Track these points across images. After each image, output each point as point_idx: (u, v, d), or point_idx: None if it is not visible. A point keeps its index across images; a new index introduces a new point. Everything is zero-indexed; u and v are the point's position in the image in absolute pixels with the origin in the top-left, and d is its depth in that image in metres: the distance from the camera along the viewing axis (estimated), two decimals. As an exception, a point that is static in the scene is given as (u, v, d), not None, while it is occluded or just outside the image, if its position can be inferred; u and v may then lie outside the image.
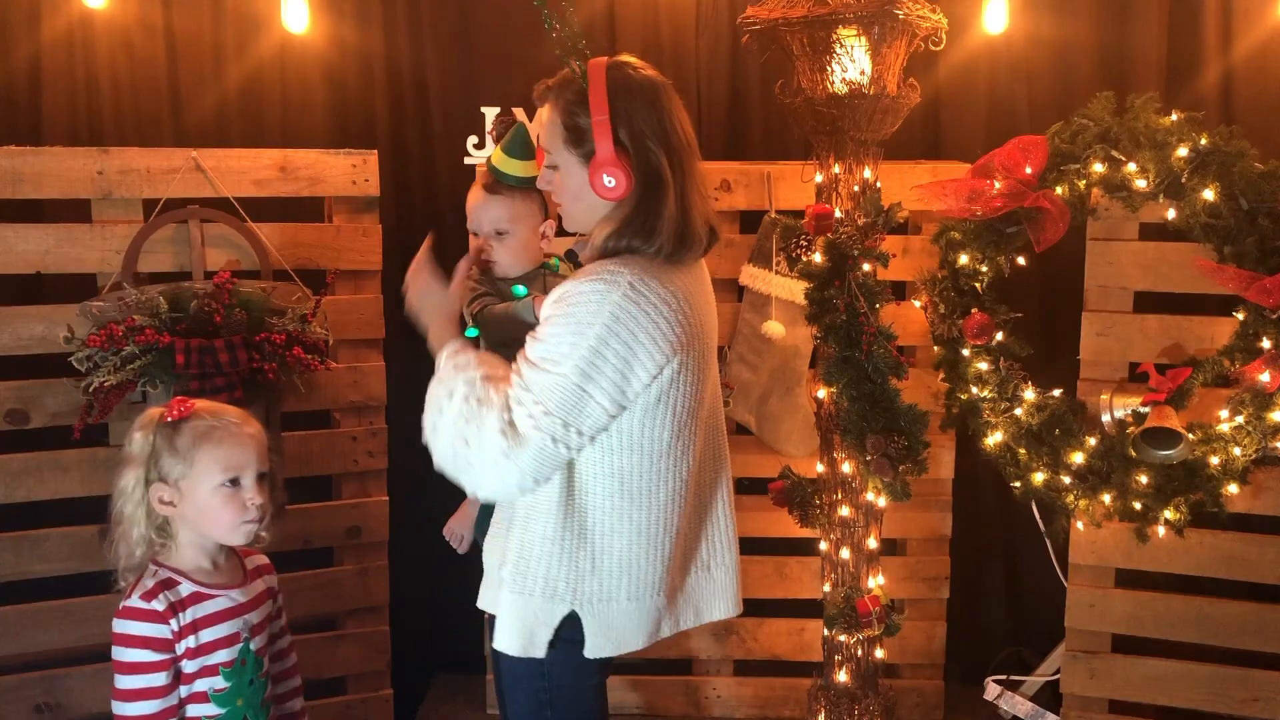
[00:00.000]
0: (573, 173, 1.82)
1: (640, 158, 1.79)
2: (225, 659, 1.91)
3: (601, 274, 1.73)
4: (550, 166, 1.85)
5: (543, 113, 1.86)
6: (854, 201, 2.58)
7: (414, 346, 3.32)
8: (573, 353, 1.70)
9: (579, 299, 1.72)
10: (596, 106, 1.77)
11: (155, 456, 1.89)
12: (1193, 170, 2.55)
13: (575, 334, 1.70)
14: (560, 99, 1.82)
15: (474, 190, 2.08)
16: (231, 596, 1.94)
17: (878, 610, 2.64)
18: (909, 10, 2.41)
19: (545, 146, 1.85)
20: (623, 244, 1.79)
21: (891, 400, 2.52)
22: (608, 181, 1.77)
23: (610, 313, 1.70)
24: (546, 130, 1.84)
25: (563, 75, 1.86)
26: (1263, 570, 2.77)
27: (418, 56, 3.28)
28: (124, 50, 3.13)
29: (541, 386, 1.71)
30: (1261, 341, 2.52)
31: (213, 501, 1.89)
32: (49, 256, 2.69)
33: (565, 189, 1.84)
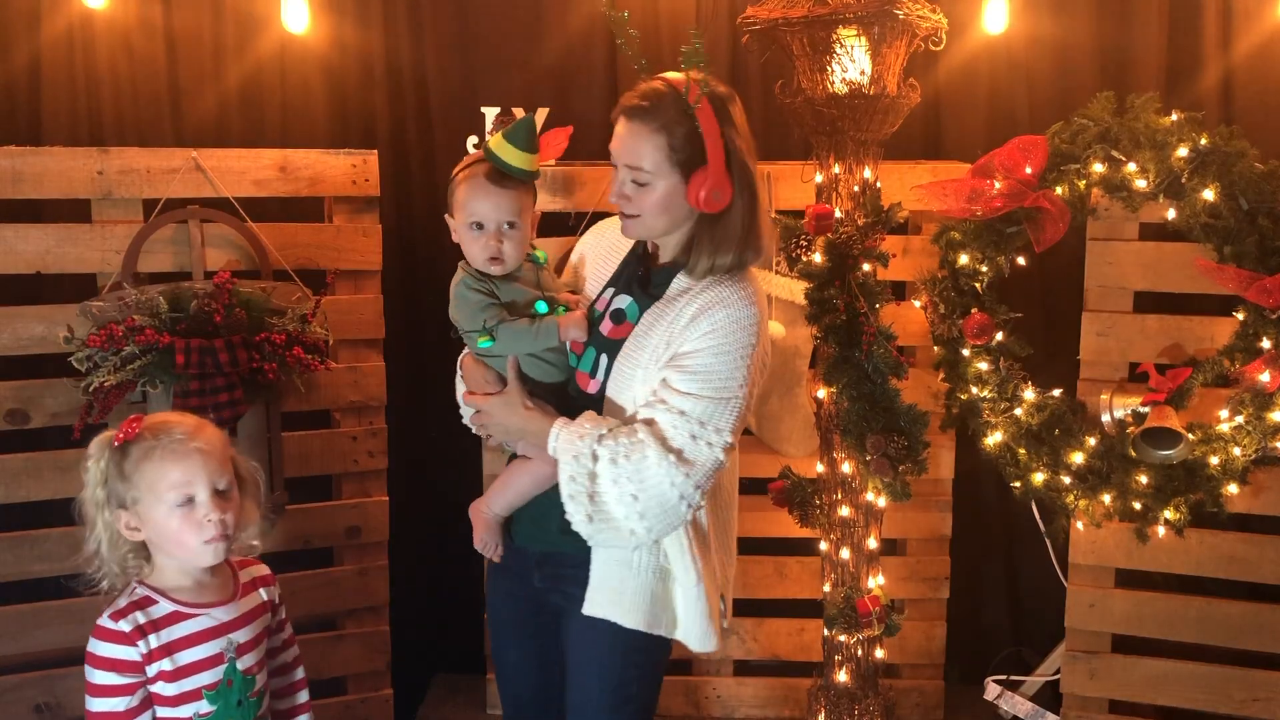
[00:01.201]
0: (671, 187, 1.86)
1: (740, 171, 1.87)
2: (209, 681, 1.82)
3: (746, 299, 1.87)
4: (638, 182, 1.86)
5: (634, 128, 1.86)
6: (854, 201, 2.58)
7: (415, 346, 3.34)
8: (742, 375, 1.85)
9: (736, 327, 1.85)
10: (708, 123, 1.83)
11: (110, 483, 1.80)
12: (1193, 170, 2.55)
13: (741, 360, 1.85)
14: (660, 115, 1.84)
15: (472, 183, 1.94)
16: (214, 615, 1.84)
17: (878, 610, 2.64)
18: (909, 10, 2.41)
19: (633, 162, 1.86)
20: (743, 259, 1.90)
21: (891, 400, 2.52)
22: (716, 196, 1.84)
23: (756, 333, 1.87)
24: (642, 146, 1.85)
25: (652, 90, 1.86)
26: (1263, 570, 2.77)
27: (418, 56, 3.28)
28: (124, 50, 3.13)
29: (720, 416, 1.84)
30: (1261, 341, 2.52)
31: (169, 524, 1.78)
32: (49, 256, 2.69)
33: (654, 202, 1.87)
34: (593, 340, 1.98)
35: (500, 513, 2.08)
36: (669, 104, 1.84)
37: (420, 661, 3.42)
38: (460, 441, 3.32)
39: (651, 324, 1.91)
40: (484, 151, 1.96)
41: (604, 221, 2.19)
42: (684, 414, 1.82)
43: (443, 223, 3.31)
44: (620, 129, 1.89)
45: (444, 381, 3.37)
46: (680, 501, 1.82)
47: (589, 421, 1.87)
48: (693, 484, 1.82)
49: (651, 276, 1.98)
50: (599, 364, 1.96)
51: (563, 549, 1.98)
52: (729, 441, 1.85)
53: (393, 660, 3.11)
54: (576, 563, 1.96)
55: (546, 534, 2.02)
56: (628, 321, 1.95)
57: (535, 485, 2.02)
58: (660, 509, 1.83)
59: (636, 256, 2.04)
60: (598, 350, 1.97)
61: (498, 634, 2.21)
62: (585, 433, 1.84)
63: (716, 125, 1.84)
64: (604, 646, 1.97)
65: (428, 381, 3.37)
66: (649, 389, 1.88)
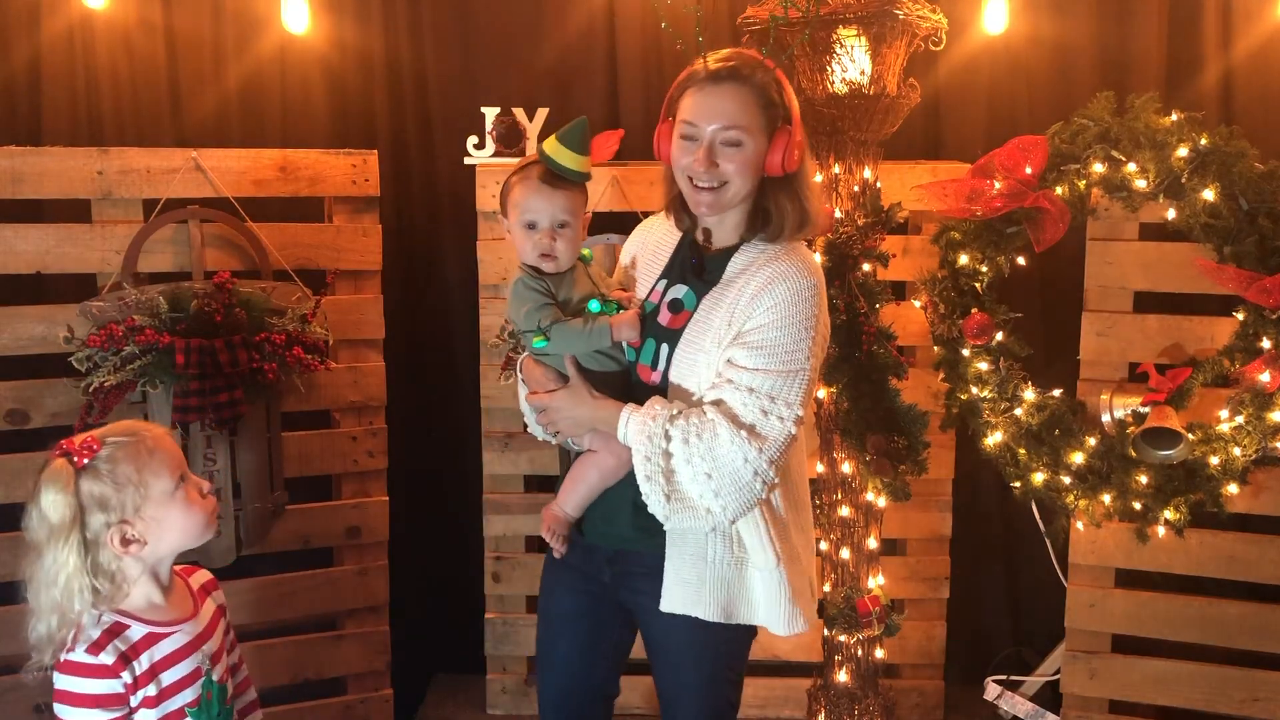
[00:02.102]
0: (758, 147, 1.89)
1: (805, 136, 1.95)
2: (191, 698, 1.77)
3: (805, 270, 1.89)
4: (731, 143, 1.88)
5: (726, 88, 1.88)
6: (854, 201, 2.58)
7: (414, 346, 3.34)
8: (808, 346, 1.86)
9: (799, 299, 1.86)
10: (788, 86, 1.92)
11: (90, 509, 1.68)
12: (1193, 170, 2.55)
13: (804, 330, 1.86)
14: (754, 79, 1.88)
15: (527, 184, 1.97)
16: (186, 630, 1.79)
17: (878, 610, 2.65)
18: (909, 10, 2.41)
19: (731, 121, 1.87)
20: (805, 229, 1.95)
21: (891, 400, 2.52)
22: (796, 156, 1.90)
23: (817, 303, 1.89)
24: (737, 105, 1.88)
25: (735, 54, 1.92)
26: (1263, 570, 2.77)
27: (418, 56, 3.28)
28: (124, 50, 3.13)
29: (789, 389, 1.84)
30: (1261, 341, 2.52)
31: (174, 508, 1.75)
32: (49, 256, 2.69)
33: (744, 162, 1.89)
34: (650, 332, 1.98)
35: (573, 512, 2.06)
36: (755, 66, 1.90)
37: (420, 661, 3.42)
38: (460, 441, 3.35)
39: (712, 308, 1.92)
40: (538, 153, 1.99)
41: (646, 221, 2.19)
42: (753, 390, 1.83)
43: (443, 223, 3.35)
44: (703, 95, 1.90)
45: (444, 381, 3.41)
46: (755, 478, 1.82)
47: (658, 404, 1.87)
48: (766, 459, 1.82)
49: (706, 263, 1.98)
50: (659, 354, 1.96)
51: (636, 547, 1.98)
52: (799, 414, 1.85)
53: (393, 660, 3.11)
54: (650, 560, 1.96)
55: (619, 531, 2.01)
56: (686, 310, 1.95)
57: (602, 479, 2.01)
58: (735, 486, 1.82)
59: (687, 246, 2.04)
60: (657, 341, 1.97)
61: (550, 626, 2.16)
62: (656, 414, 1.85)
63: (791, 91, 1.91)
64: (689, 642, 1.98)
65: (428, 381, 3.37)
66: (714, 372, 1.89)
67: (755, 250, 1.94)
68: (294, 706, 2.98)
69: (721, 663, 2.03)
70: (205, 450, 2.69)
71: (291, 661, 2.98)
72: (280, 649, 2.97)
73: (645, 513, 1.89)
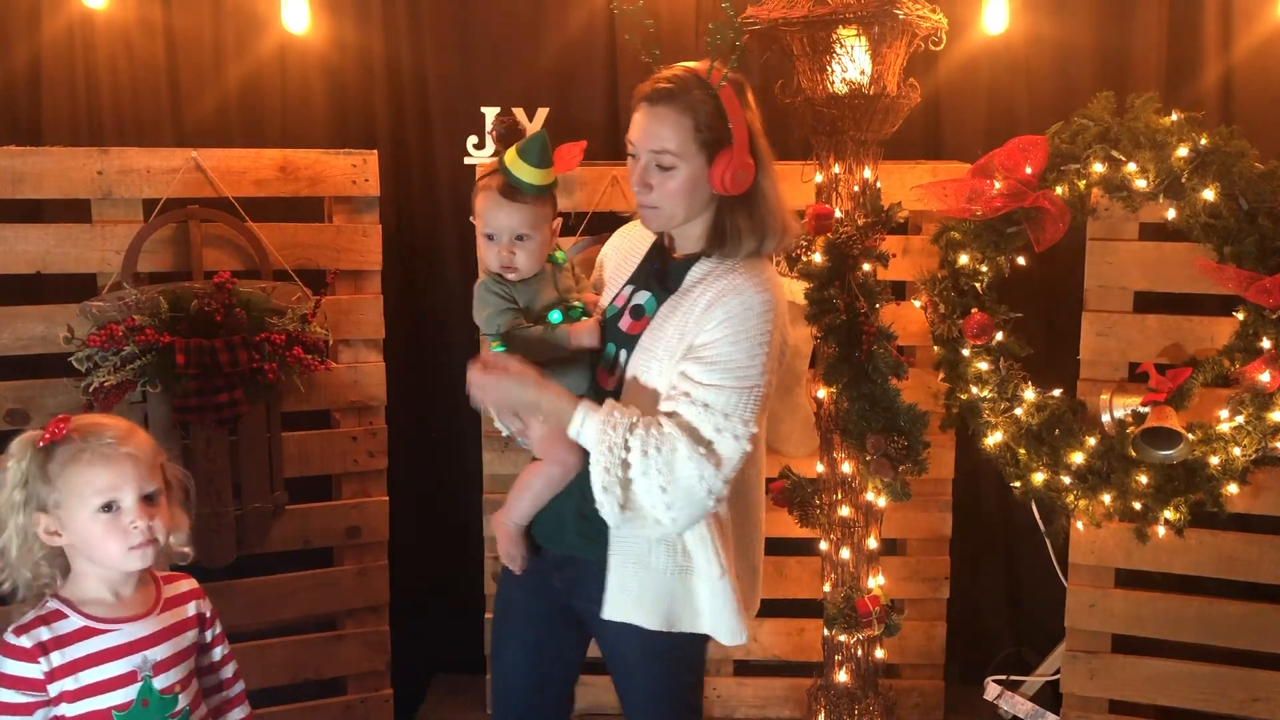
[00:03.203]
0: (696, 170, 1.86)
1: (761, 153, 1.90)
2: (120, 701, 1.73)
3: (760, 285, 1.86)
4: (663, 166, 1.86)
5: (658, 111, 1.86)
6: (854, 201, 2.58)
7: (415, 346, 3.34)
8: (760, 362, 1.84)
9: (750, 314, 1.84)
10: (731, 103, 1.86)
11: (31, 485, 1.71)
12: (1193, 170, 2.55)
13: (758, 346, 1.84)
14: (685, 96, 1.85)
15: (487, 195, 1.99)
16: (127, 631, 1.75)
17: (878, 610, 2.64)
18: (909, 10, 2.41)
19: (659, 145, 1.86)
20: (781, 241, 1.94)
21: (891, 400, 2.52)
22: (740, 176, 1.86)
23: (773, 320, 1.86)
24: (668, 128, 1.85)
25: (674, 75, 1.88)
26: (1263, 570, 2.77)
27: (418, 56, 3.28)
28: (124, 50, 3.13)
29: (739, 405, 1.82)
30: (1261, 341, 2.52)
31: (93, 529, 1.70)
32: (49, 256, 2.69)
33: (677, 187, 1.87)
34: (611, 336, 1.99)
35: (519, 521, 2.07)
36: (692, 86, 1.86)
37: (420, 661, 3.42)
38: (460, 441, 3.35)
39: (667, 315, 1.91)
40: (498, 164, 1.99)
41: (627, 224, 2.19)
42: (708, 406, 1.81)
43: (443, 223, 3.35)
44: (641, 115, 1.89)
45: (444, 381, 3.40)
46: (709, 495, 1.82)
47: (616, 410, 1.85)
48: (721, 478, 1.82)
49: (669, 270, 1.98)
50: (618, 359, 1.97)
51: (582, 554, 1.98)
52: (754, 431, 1.84)
53: (393, 660, 3.11)
54: (596, 567, 1.96)
55: (564, 537, 2.02)
56: (646, 316, 1.95)
57: (549, 487, 2.01)
58: (688, 501, 1.82)
59: (655, 251, 2.04)
60: (617, 346, 1.97)
61: (500, 630, 2.18)
62: (616, 422, 1.82)
63: (739, 105, 1.87)
64: (638, 649, 1.98)
65: (428, 382, 3.37)
66: (666, 381, 1.88)
67: (714, 262, 1.93)
68: (294, 706, 2.98)
69: (673, 669, 2.02)
70: (205, 450, 2.69)
71: (291, 661, 2.98)
72: (280, 649, 2.97)
73: (590, 521, 1.90)
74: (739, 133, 1.85)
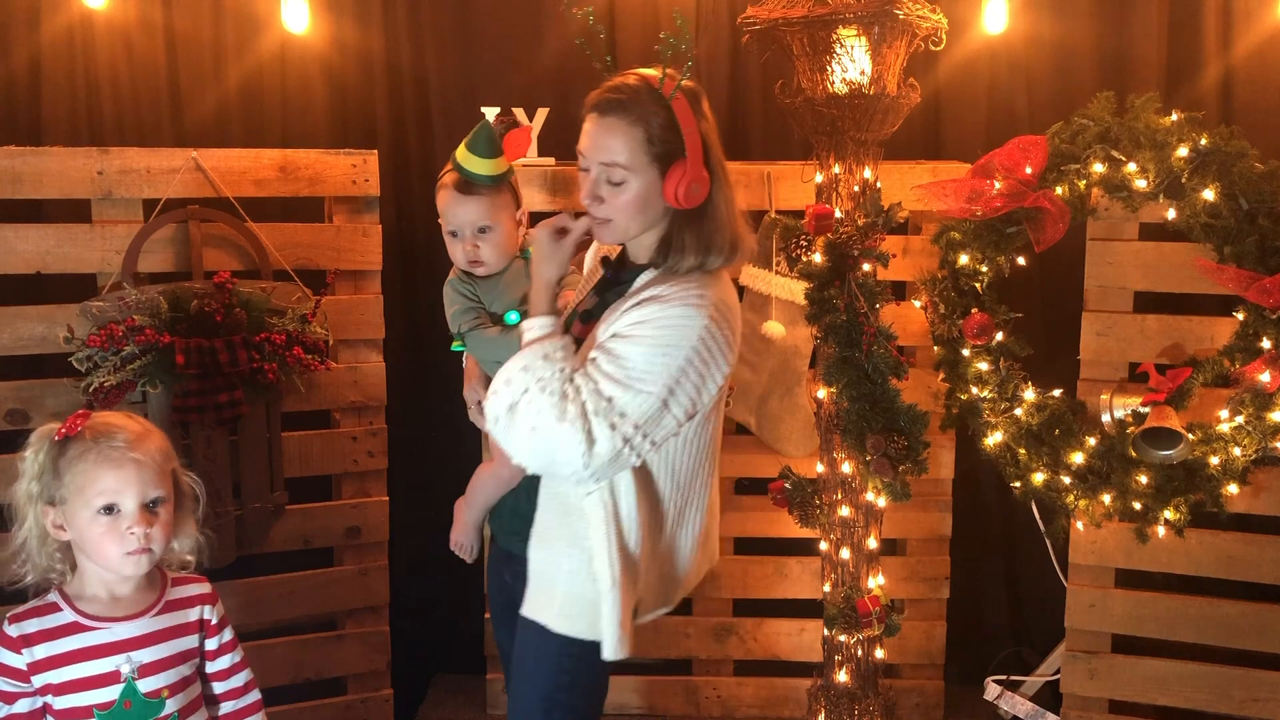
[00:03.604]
0: (648, 183, 1.80)
1: (717, 165, 1.83)
2: (102, 700, 1.74)
3: (689, 298, 1.78)
4: (613, 181, 1.80)
5: (608, 122, 1.80)
6: (854, 201, 2.58)
7: (415, 346, 3.34)
8: (662, 374, 1.75)
9: (668, 322, 1.77)
10: (684, 114, 1.78)
11: (44, 477, 1.74)
12: (1193, 170, 2.55)
13: (664, 355, 1.75)
14: (635, 107, 1.78)
15: (445, 193, 2.04)
16: (115, 631, 1.76)
17: (878, 610, 2.64)
18: (909, 10, 2.41)
19: (609, 158, 1.79)
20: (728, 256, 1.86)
21: (891, 400, 2.52)
22: (694, 190, 1.78)
23: (698, 336, 1.77)
24: (618, 140, 1.78)
25: (623, 83, 1.81)
26: (1263, 570, 2.77)
27: (418, 56, 3.28)
28: (124, 50, 3.13)
29: (627, 403, 1.75)
30: (1261, 341, 2.52)
31: (92, 530, 1.72)
32: (49, 256, 2.69)
33: (629, 201, 1.81)
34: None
35: (474, 515, 2.15)
36: (643, 96, 1.79)
37: (420, 661, 3.42)
38: (461, 441, 3.34)
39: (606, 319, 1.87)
40: (451, 162, 2.01)
41: None
42: (597, 388, 1.75)
43: (442, 223, 3.34)
44: (591, 125, 1.82)
45: (444, 381, 3.40)
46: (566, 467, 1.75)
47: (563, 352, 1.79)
48: (584, 461, 1.74)
49: (621, 278, 1.95)
50: None
51: (518, 551, 1.99)
52: (629, 435, 1.75)
53: (393, 660, 3.11)
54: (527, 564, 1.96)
55: (508, 534, 2.08)
56: (594, 321, 1.93)
57: (499, 486, 2.09)
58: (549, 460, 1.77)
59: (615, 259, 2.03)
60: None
61: (494, 622, 2.28)
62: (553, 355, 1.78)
63: (693, 116, 1.79)
64: (538, 650, 1.94)
65: (428, 381, 3.37)
66: None
67: (656, 273, 1.87)
68: (294, 706, 2.98)
69: (564, 680, 1.94)
70: (205, 450, 2.69)
71: (291, 661, 2.98)
72: (280, 649, 2.97)
73: (525, 519, 1.94)
74: (692, 145, 1.78)
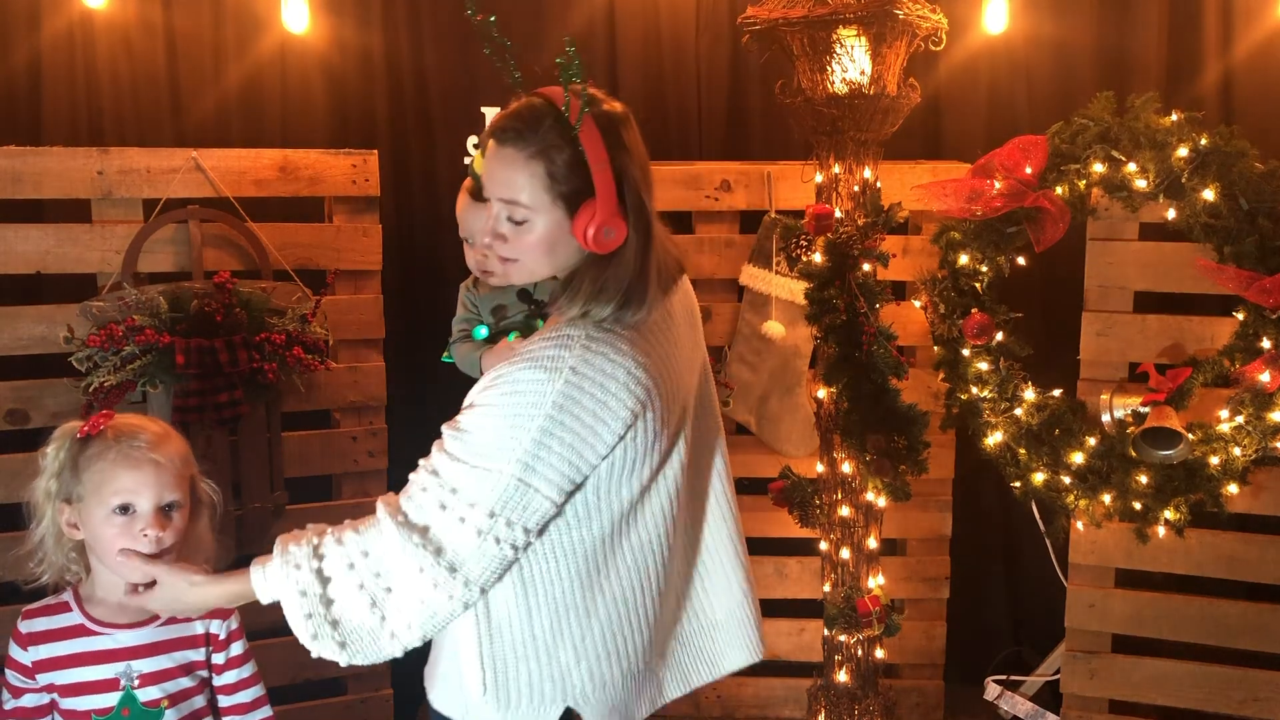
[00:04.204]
0: (554, 223, 1.54)
1: (635, 203, 1.55)
2: (100, 706, 1.73)
3: (542, 358, 1.51)
4: (515, 220, 1.54)
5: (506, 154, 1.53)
6: (854, 201, 2.58)
7: (415, 346, 3.34)
8: (513, 447, 1.49)
9: (515, 387, 1.50)
10: (594, 146, 1.50)
11: (63, 475, 1.73)
12: (1193, 170, 2.55)
13: (513, 426, 1.49)
14: (536, 138, 1.51)
15: (462, 197, 2.02)
16: (117, 638, 1.74)
17: (878, 610, 2.64)
18: (909, 10, 2.41)
19: (508, 195, 1.54)
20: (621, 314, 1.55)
21: (891, 400, 2.52)
22: (607, 234, 1.52)
23: (553, 402, 1.49)
24: (517, 175, 1.52)
25: (527, 108, 1.54)
26: (1263, 570, 2.77)
27: (418, 56, 3.28)
28: (124, 50, 3.13)
29: (473, 485, 1.49)
30: (1261, 341, 2.52)
31: (105, 530, 1.68)
32: (49, 256, 2.68)
33: (534, 243, 1.55)
34: None
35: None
36: (547, 125, 1.51)
37: (420, 662, 3.41)
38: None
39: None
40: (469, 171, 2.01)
41: None
42: (437, 474, 1.52)
43: (443, 223, 3.34)
44: (490, 155, 1.56)
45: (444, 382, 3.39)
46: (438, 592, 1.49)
47: (292, 543, 1.56)
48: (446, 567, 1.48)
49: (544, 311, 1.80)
50: None
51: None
52: (486, 525, 1.48)
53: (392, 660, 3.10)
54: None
55: None
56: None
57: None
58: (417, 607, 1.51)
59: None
60: None
61: None
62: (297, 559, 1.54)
63: (604, 149, 1.51)
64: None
65: (428, 381, 3.37)
66: None
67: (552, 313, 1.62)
68: (294, 706, 2.97)
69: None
70: (205, 450, 2.69)
71: (291, 661, 2.97)
72: (280, 649, 2.94)
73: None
74: (603, 183, 1.50)
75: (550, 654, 1.62)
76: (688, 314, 1.75)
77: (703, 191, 3.03)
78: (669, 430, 1.61)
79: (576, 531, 1.58)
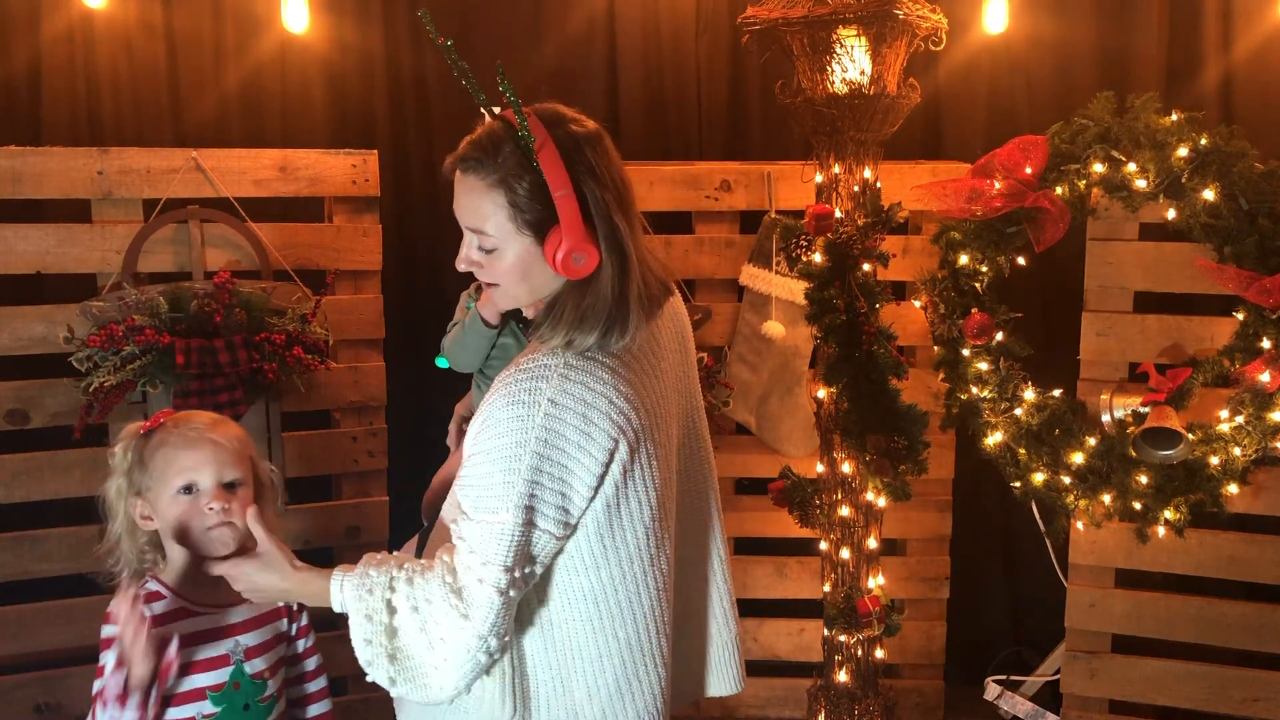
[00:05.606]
0: (523, 252, 1.53)
1: (606, 228, 1.51)
2: (213, 682, 1.79)
3: (519, 393, 1.49)
4: (485, 249, 1.55)
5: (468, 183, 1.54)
6: (854, 201, 2.58)
7: (415, 346, 3.34)
8: (509, 493, 1.48)
9: (499, 429, 1.49)
10: (554, 172, 1.48)
11: (131, 471, 1.81)
12: (1193, 170, 2.55)
13: (505, 471, 1.48)
14: (496, 166, 1.51)
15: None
16: (222, 617, 1.83)
17: (878, 610, 2.64)
18: (909, 10, 2.41)
19: (474, 224, 1.54)
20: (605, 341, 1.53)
21: (891, 400, 2.52)
22: (577, 260, 1.49)
23: (536, 437, 1.47)
24: (481, 205, 1.52)
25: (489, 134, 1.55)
26: (1263, 570, 2.77)
27: (418, 56, 3.28)
28: (124, 50, 3.13)
29: (483, 540, 1.49)
30: (1261, 341, 2.52)
31: (173, 510, 1.77)
32: (49, 256, 2.69)
33: (509, 270, 1.55)
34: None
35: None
36: (506, 151, 1.51)
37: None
38: (460, 441, 3.35)
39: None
40: None
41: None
42: (462, 539, 1.52)
43: (443, 223, 3.34)
44: (456, 184, 1.56)
45: (444, 382, 3.40)
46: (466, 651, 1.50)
47: (373, 569, 1.56)
48: (474, 633, 1.49)
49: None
50: None
51: None
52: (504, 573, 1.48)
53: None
54: None
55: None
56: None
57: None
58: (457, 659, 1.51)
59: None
60: None
61: None
62: (373, 584, 1.55)
63: (565, 174, 1.48)
64: None
65: (428, 381, 3.37)
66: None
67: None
68: (294, 706, 2.98)
69: None
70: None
71: (291, 661, 2.98)
72: (280, 649, 2.97)
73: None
74: (566, 210, 1.47)
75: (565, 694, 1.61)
76: (678, 337, 1.72)
77: (703, 191, 3.03)
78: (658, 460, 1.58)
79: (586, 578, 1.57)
